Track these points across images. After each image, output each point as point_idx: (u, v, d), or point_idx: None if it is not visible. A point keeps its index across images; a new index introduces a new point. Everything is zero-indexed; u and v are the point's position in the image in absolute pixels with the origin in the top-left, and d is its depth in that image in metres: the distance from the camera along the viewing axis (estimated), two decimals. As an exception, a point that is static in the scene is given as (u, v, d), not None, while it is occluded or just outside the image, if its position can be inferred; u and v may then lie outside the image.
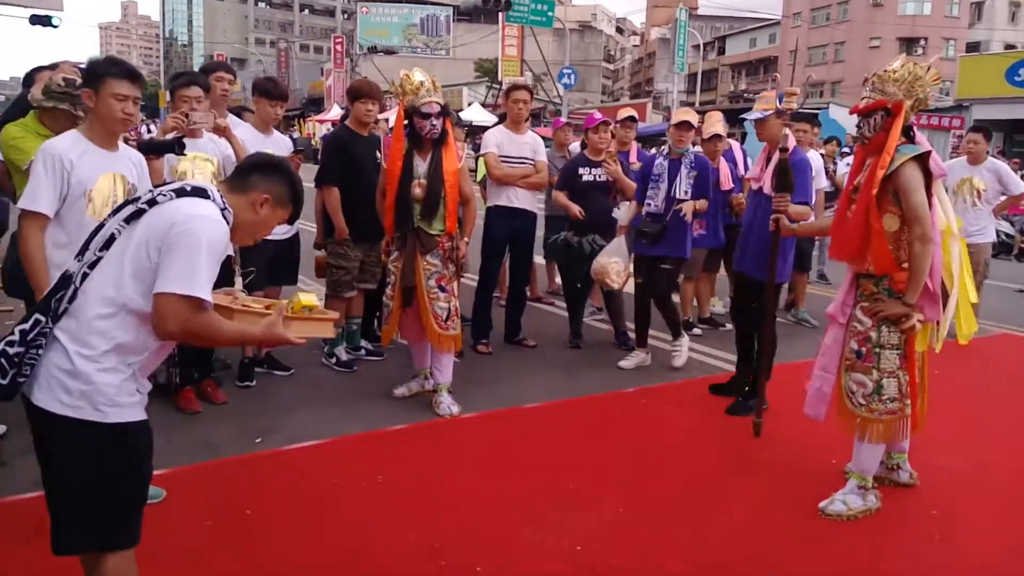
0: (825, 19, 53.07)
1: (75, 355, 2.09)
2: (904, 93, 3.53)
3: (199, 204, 2.16)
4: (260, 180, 2.33)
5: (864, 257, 3.63)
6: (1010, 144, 27.18)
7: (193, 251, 2.08)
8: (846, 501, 3.71)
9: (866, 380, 3.65)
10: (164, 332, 2.10)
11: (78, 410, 2.09)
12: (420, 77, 4.60)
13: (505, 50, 34.48)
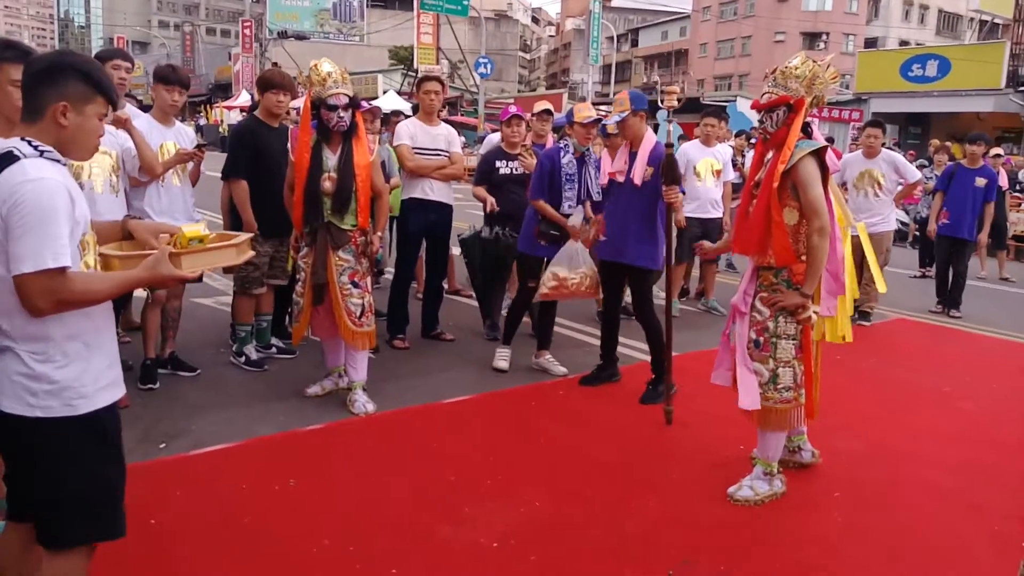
0: (733, 14, 54.43)
1: (28, 358, 2.05)
2: (805, 90, 3.64)
3: (13, 172, 1.99)
4: (47, 91, 2.09)
5: (766, 250, 3.73)
6: (905, 136, 28.49)
7: (30, 222, 1.95)
8: (753, 487, 3.82)
9: (763, 369, 3.74)
10: (36, 311, 2.00)
11: (48, 410, 2.07)
12: (328, 68, 4.48)
13: (420, 38, 34.09)
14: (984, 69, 25.05)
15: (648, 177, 4.97)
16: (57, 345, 2.08)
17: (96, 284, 2.10)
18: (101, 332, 2.20)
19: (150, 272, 2.15)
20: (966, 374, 6.27)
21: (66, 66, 2.12)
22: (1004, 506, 3.75)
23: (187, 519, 3.39)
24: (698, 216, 7.34)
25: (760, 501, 3.77)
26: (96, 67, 2.18)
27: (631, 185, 5.07)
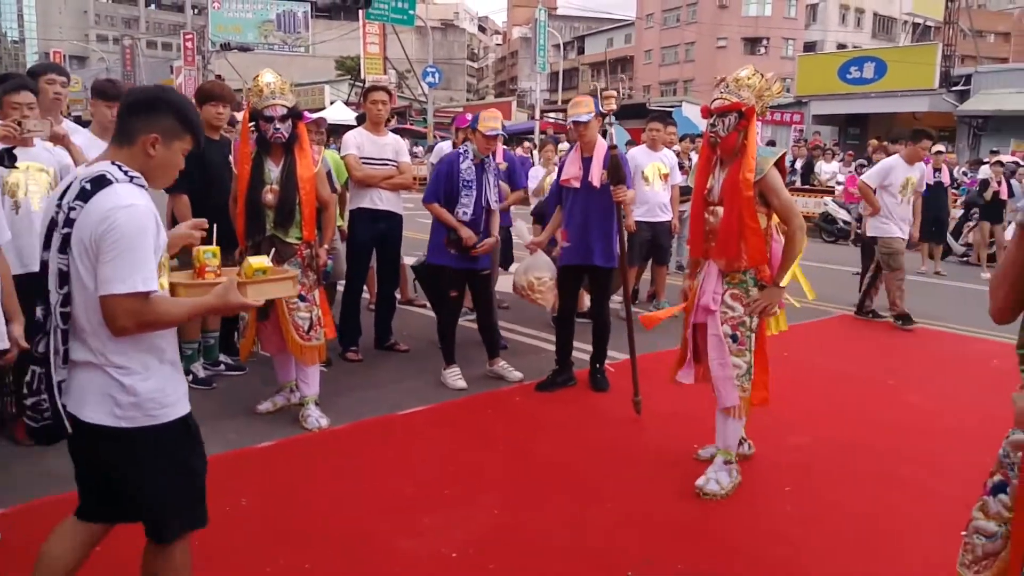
0: (676, 20, 55.22)
1: (113, 371, 2.17)
2: (756, 99, 3.79)
3: (106, 196, 2.11)
4: (142, 122, 2.24)
5: (740, 255, 3.84)
6: (844, 137, 29.17)
7: (122, 246, 2.07)
8: (718, 480, 3.91)
9: (741, 362, 3.88)
10: (119, 330, 2.12)
11: (132, 420, 2.19)
12: (269, 78, 4.44)
13: (367, 48, 33.91)
14: (918, 70, 25.81)
15: (605, 180, 5.11)
16: (138, 360, 2.20)
17: (174, 309, 2.24)
18: (172, 348, 2.35)
19: (220, 300, 2.30)
20: (909, 367, 6.43)
21: (163, 102, 2.27)
22: (950, 493, 3.84)
23: (134, 544, 3.29)
24: (647, 220, 7.42)
25: (727, 494, 3.87)
26: (190, 107, 2.35)
27: (589, 189, 5.18)
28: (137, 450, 2.23)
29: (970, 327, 7.63)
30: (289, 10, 42.05)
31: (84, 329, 2.16)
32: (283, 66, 37.48)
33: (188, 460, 2.37)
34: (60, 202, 2.16)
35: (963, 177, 15.79)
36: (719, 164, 3.95)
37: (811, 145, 19.27)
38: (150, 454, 2.25)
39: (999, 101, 24.36)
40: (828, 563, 3.32)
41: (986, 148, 21.55)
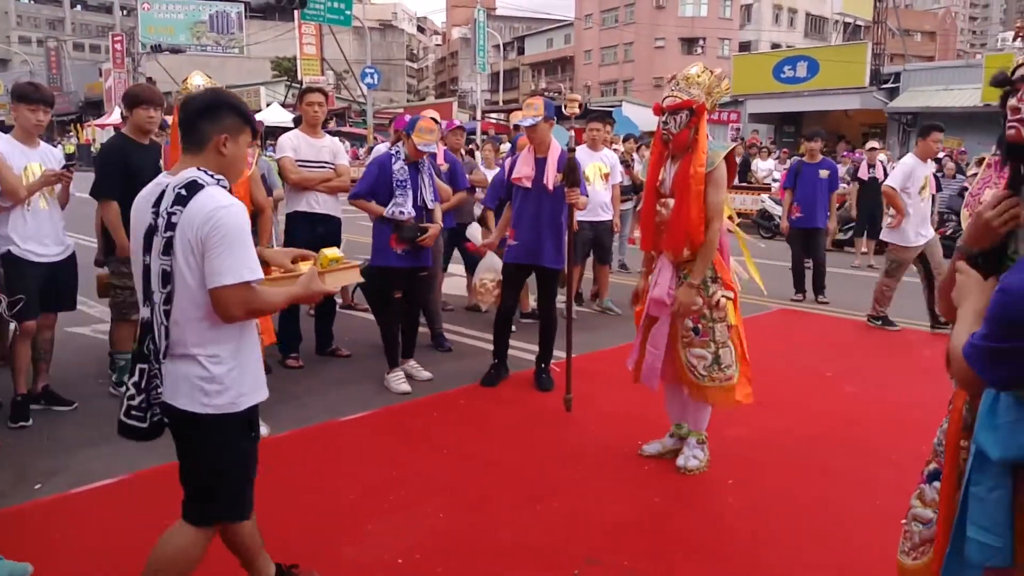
0: (614, 20, 55.77)
1: (205, 361, 2.35)
2: (705, 96, 3.87)
3: (203, 198, 2.30)
4: (209, 125, 2.41)
5: (693, 246, 3.93)
6: (780, 135, 29.81)
7: (228, 241, 2.27)
8: (696, 456, 4.16)
9: (705, 353, 3.98)
10: (231, 318, 2.34)
11: (218, 407, 2.38)
12: (199, 80, 4.34)
13: (303, 48, 33.48)
14: (849, 69, 26.52)
15: (559, 182, 5.17)
16: (228, 350, 2.39)
17: (273, 297, 2.47)
18: (255, 340, 2.53)
19: (305, 288, 2.58)
20: (845, 358, 6.58)
21: (222, 103, 2.46)
22: (887, 481, 3.93)
23: (70, 562, 3.19)
24: (589, 219, 7.46)
25: (704, 467, 4.14)
26: (244, 105, 2.54)
27: (542, 190, 5.24)
28: (213, 435, 2.43)
29: (904, 319, 7.84)
30: (222, 11, 41.31)
31: (182, 324, 2.34)
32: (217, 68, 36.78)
33: (247, 453, 2.57)
34: (157, 209, 2.33)
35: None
36: (671, 159, 4.02)
37: (748, 143, 19.65)
38: (223, 440, 2.45)
39: (927, 98, 25.18)
40: (771, 554, 3.37)
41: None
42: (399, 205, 5.23)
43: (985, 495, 2.03)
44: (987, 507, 2.03)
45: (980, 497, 2.04)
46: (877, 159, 11.81)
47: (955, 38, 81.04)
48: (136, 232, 2.42)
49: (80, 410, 4.88)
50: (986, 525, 2.03)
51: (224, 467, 2.50)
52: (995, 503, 2.03)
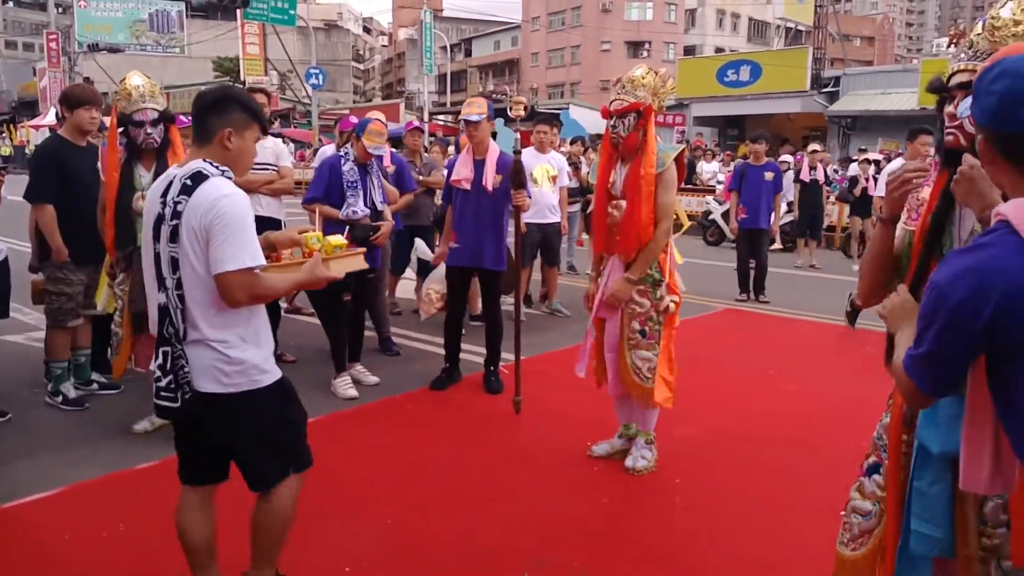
0: (561, 24, 56.10)
1: (218, 346, 2.45)
2: (652, 98, 3.90)
3: (207, 188, 2.39)
4: (215, 120, 2.51)
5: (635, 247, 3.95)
6: (724, 138, 30.30)
7: (231, 229, 2.35)
8: (644, 456, 4.16)
9: (651, 356, 4.00)
10: (235, 303, 2.43)
11: (238, 386, 2.49)
12: (137, 81, 4.22)
13: (246, 48, 32.94)
14: (791, 73, 27.07)
15: (498, 184, 5.19)
16: (238, 334, 2.49)
17: (276, 282, 2.57)
18: (264, 323, 2.63)
19: (310, 274, 2.67)
20: (787, 357, 6.70)
21: (230, 98, 2.57)
22: (827, 477, 3.99)
23: (-1, 580, 3.07)
24: (537, 221, 7.46)
25: (652, 468, 4.16)
26: (253, 100, 2.63)
27: (481, 192, 5.24)
28: (242, 412, 2.52)
29: (843, 317, 8.00)
30: (162, 9, 40.39)
31: (192, 310, 2.44)
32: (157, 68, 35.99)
33: (286, 414, 2.67)
34: (164, 198, 2.44)
35: (834, 174, 16.62)
36: (620, 161, 4.04)
37: (693, 146, 19.93)
38: (254, 414, 2.55)
39: (866, 102, 25.84)
40: (716, 552, 3.40)
41: (855, 147, 22.79)
42: (351, 206, 5.20)
43: (927, 488, 2.09)
44: (929, 500, 2.09)
45: (922, 491, 2.10)
46: (817, 161, 12.08)
47: (893, 43, 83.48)
48: (147, 221, 2.54)
49: (14, 421, 4.71)
50: (928, 517, 2.09)
51: (264, 434, 2.60)
52: (936, 496, 2.08)
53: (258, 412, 2.56)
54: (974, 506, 2.03)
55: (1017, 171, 1.52)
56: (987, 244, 1.48)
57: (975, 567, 2.04)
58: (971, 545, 2.04)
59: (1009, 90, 1.47)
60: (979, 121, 1.56)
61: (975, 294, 1.44)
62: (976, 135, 1.60)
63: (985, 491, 1.81)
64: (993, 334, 1.45)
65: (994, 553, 2.02)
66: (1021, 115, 1.46)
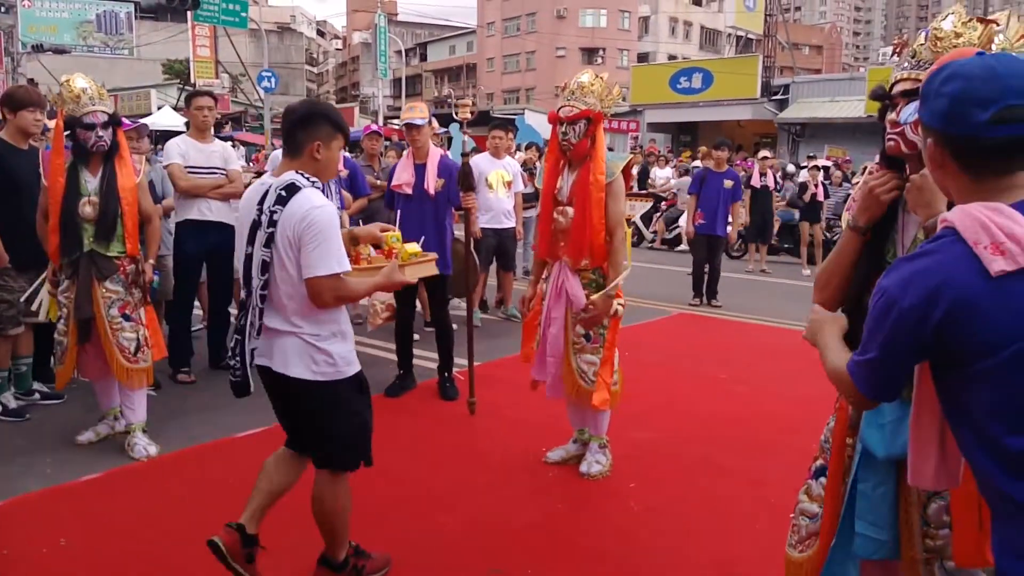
0: (516, 29, 56.25)
1: (308, 338, 2.74)
2: (601, 104, 3.89)
3: (300, 199, 2.65)
4: (304, 134, 2.76)
5: (588, 253, 3.95)
6: (677, 144, 30.65)
7: (320, 238, 2.62)
8: (599, 461, 4.15)
9: (595, 359, 3.99)
10: (322, 304, 2.72)
11: (326, 375, 2.78)
12: (82, 83, 4.11)
13: (197, 51, 32.44)
14: (742, 80, 27.52)
15: (440, 188, 5.18)
16: (327, 328, 2.78)
17: (358, 286, 2.84)
18: (347, 320, 2.91)
19: (387, 278, 2.92)
20: (739, 360, 6.78)
21: (316, 114, 2.81)
22: (777, 478, 4.05)
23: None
24: (492, 226, 7.46)
25: (606, 472, 4.16)
26: (337, 112, 2.89)
27: (423, 196, 5.23)
28: (327, 397, 2.81)
29: (792, 320, 8.14)
30: (110, 10, 39.52)
31: (285, 307, 2.73)
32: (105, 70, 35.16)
33: (361, 409, 2.96)
34: (260, 206, 2.70)
35: (784, 181, 16.88)
36: (568, 166, 4.03)
37: (647, 152, 20.10)
38: (336, 401, 2.84)
39: (814, 109, 26.36)
40: (670, 555, 3.42)
41: (804, 153, 23.23)
42: None
43: (871, 491, 2.12)
44: (873, 503, 2.12)
45: (867, 494, 2.13)
46: (767, 168, 12.27)
47: (840, 52, 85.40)
48: (241, 226, 2.82)
49: (-50, 433, 4.55)
50: (872, 520, 2.13)
51: (342, 422, 2.88)
52: (880, 499, 2.12)
53: (340, 399, 2.84)
54: (918, 508, 2.07)
55: (966, 175, 1.52)
56: (934, 251, 1.48)
57: (919, 568, 2.08)
58: (915, 547, 2.08)
59: (960, 92, 1.47)
60: (929, 124, 1.55)
61: (925, 300, 1.45)
62: (924, 139, 1.59)
63: (932, 487, 1.84)
64: (941, 341, 1.46)
65: (938, 554, 2.05)
66: (972, 116, 1.45)
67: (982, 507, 1.86)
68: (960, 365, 1.46)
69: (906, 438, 1.79)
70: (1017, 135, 1.44)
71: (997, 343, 1.39)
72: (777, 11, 30.89)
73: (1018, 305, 1.39)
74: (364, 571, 3.11)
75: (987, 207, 1.44)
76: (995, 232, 1.40)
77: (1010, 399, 1.41)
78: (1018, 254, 1.38)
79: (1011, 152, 1.46)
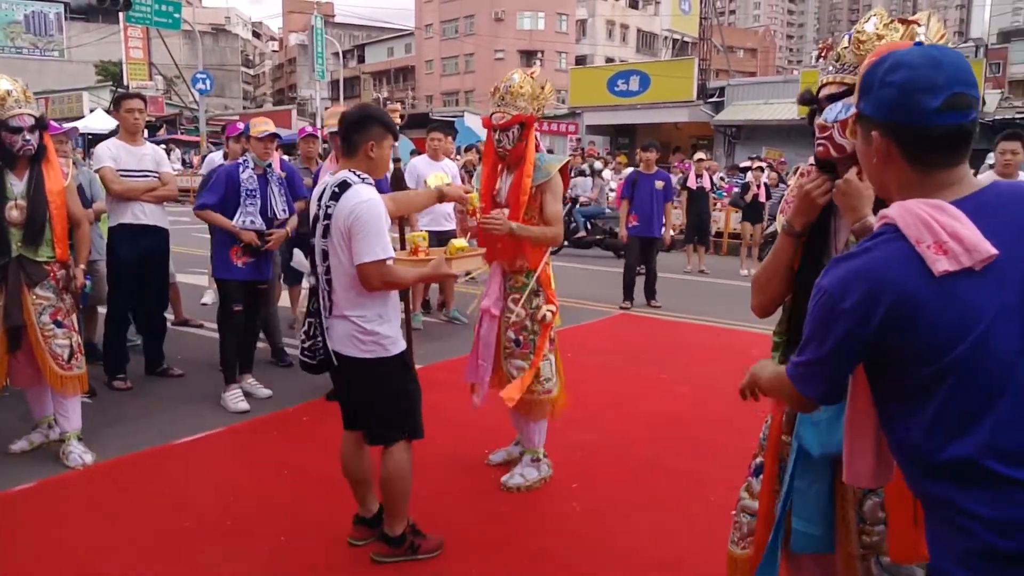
0: (454, 32, 56.19)
1: (357, 320, 3.06)
2: (532, 107, 3.89)
3: (350, 194, 2.99)
4: (358, 135, 3.09)
5: (519, 256, 3.94)
6: (615, 146, 30.97)
7: (367, 228, 2.94)
8: (524, 474, 4.07)
9: (525, 365, 3.96)
10: (372, 288, 3.03)
11: (373, 352, 3.09)
12: (7, 86, 4.00)
13: (129, 52, 31.63)
14: (678, 83, 27.92)
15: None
16: (374, 311, 3.08)
17: (405, 273, 3.19)
18: (396, 304, 3.22)
19: (435, 270, 3.28)
20: (679, 360, 6.91)
21: (369, 116, 3.14)
22: (719, 477, 4.14)
23: None
24: (432, 229, 7.41)
25: (531, 486, 4.05)
26: (386, 114, 3.21)
27: None
28: (375, 373, 3.11)
29: (731, 320, 8.33)
30: (39, 11, 38.29)
31: (336, 291, 3.07)
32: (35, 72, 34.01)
33: (408, 385, 3.23)
34: (320, 202, 3.07)
35: (721, 182, 17.21)
36: (506, 169, 4.04)
37: (587, 154, 20.30)
38: (383, 376, 3.13)
39: (750, 111, 26.87)
40: (613, 557, 3.47)
41: (740, 155, 23.65)
42: (249, 215, 5.16)
43: (807, 488, 2.16)
44: (808, 499, 2.16)
45: (802, 491, 2.16)
46: (703, 169, 12.50)
47: (774, 55, 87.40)
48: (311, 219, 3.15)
49: None
50: (807, 516, 2.16)
51: (391, 397, 3.16)
52: (816, 496, 2.15)
53: (385, 376, 3.13)
54: (854, 504, 2.11)
55: (912, 168, 1.48)
56: (872, 248, 1.44)
57: (857, 564, 2.12)
58: (852, 543, 2.12)
59: (908, 80, 1.43)
60: (874, 116, 1.50)
61: (866, 299, 1.40)
62: (867, 133, 1.53)
63: (869, 485, 1.85)
64: (883, 340, 1.42)
65: (874, 550, 2.10)
66: (922, 104, 1.42)
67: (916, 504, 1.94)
68: (899, 366, 1.43)
69: (841, 436, 1.78)
70: (962, 123, 1.42)
71: (939, 346, 1.36)
72: (712, 15, 31.46)
73: (960, 307, 1.36)
74: (419, 550, 3.30)
75: (929, 204, 1.41)
76: (938, 231, 1.37)
77: (946, 406, 1.38)
78: (961, 254, 1.35)
79: (956, 142, 1.44)
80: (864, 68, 1.56)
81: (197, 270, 8.43)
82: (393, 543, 3.27)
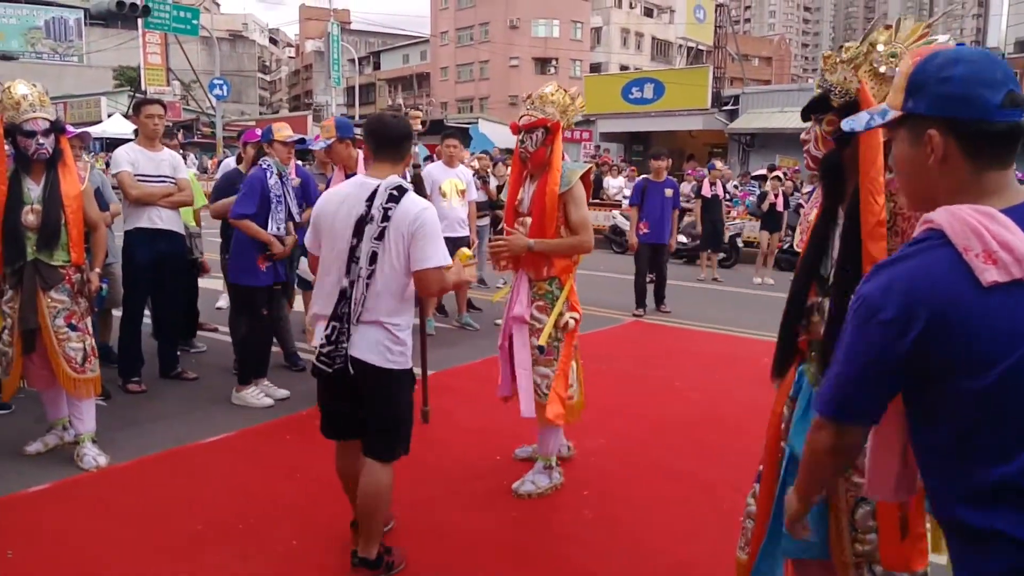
0: (469, 39, 56.33)
1: (390, 327, 3.02)
2: (560, 115, 3.94)
3: (409, 201, 3.01)
4: (407, 144, 3.20)
5: (547, 264, 3.97)
6: (630, 153, 30.98)
7: (430, 235, 2.98)
8: (535, 481, 4.06)
9: (549, 372, 3.96)
10: (429, 293, 3.12)
11: (398, 363, 3.06)
12: (23, 90, 4.05)
13: (148, 58, 31.96)
14: (693, 91, 27.92)
15: None
16: (405, 319, 3.09)
17: (451, 278, 3.14)
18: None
19: (458, 276, 3.24)
20: (692, 367, 6.89)
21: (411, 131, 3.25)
22: (731, 482, 4.13)
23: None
24: (446, 235, 7.27)
25: (542, 493, 4.03)
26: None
27: None
28: (398, 385, 3.10)
29: (743, 328, 8.30)
30: (59, 17, 38.80)
31: (380, 295, 2.98)
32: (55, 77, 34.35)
33: (412, 399, 3.22)
34: (370, 203, 2.99)
35: (735, 190, 17.16)
36: (529, 178, 4.07)
37: (600, 161, 20.31)
38: (404, 389, 3.13)
39: (764, 120, 26.81)
40: (622, 563, 3.46)
41: (755, 163, 23.62)
42: (279, 221, 5.28)
43: (799, 496, 2.17)
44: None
45: (793, 497, 2.18)
46: (717, 177, 12.47)
47: (789, 63, 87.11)
48: (345, 219, 3.01)
49: None
50: (802, 523, 2.18)
51: (403, 410, 3.14)
52: None
53: (405, 388, 3.13)
54: (846, 513, 2.11)
55: (969, 168, 1.40)
56: (916, 254, 1.37)
57: (850, 572, 2.13)
58: (845, 551, 2.13)
59: (970, 73, 1.38)
60: (930, 113, 1.41)
61: (907, 307, 1.33)
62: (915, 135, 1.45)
63: (892, 499, 1.81)
64: (922, 353, 1.34)
65: (867, 558, 2.10)
66: (985, 98, 1.36)
67: (904, 517, 1.93)
68: (940, 381, 1.35)
69: None
70: (1019, 120, 1.38)
71: (985, 360, 1.29)
72: (727, 23, 31.46)
73: (1008, 320, 1.28)
74: (394, 567, 3.26)
75: (979, 211, 1.34)
76: (988, 240, 1.30)
77: (989, 426, 1.31)
78: (1011, 264, 1.28)
79: (1013, 140, 1.39)
80: (909, 68, 1.48)
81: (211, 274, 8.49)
82: (372, 565, 3.19)
